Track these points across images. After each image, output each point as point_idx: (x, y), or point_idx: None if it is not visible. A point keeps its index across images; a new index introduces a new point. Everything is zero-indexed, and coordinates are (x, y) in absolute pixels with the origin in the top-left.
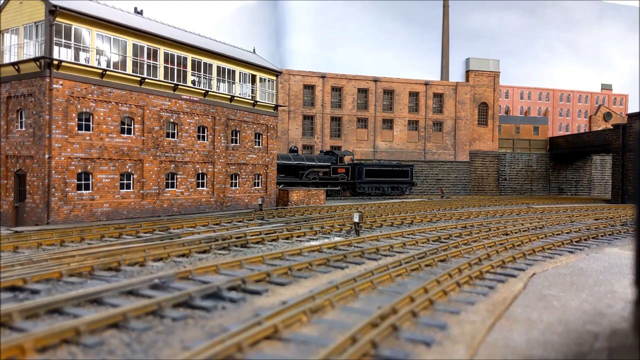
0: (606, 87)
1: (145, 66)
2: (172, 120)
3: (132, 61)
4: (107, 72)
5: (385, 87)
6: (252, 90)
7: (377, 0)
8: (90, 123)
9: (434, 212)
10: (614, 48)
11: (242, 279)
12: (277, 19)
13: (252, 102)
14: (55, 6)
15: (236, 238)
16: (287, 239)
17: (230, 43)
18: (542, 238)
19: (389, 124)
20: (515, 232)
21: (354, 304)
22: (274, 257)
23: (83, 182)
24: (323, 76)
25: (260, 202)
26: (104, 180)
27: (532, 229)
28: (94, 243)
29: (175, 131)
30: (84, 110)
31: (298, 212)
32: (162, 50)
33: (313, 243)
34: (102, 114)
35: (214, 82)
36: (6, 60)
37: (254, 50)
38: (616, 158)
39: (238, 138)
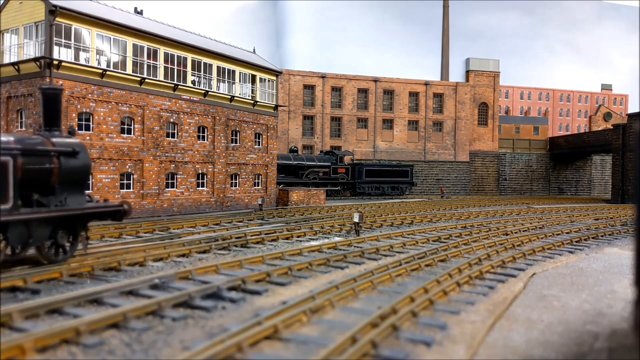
0: (606, 87)
1: (145, 66)
2: (172, 120)
3: (132, 61)
4: (107, 72)
5: (385, 87)
6: (252, 90)
7: (377, 0)
8: (90, 123)
9: (434, 212)
10: (614, 48)
11: (242, 279)
12: (277, 19)
13: (252, 102)
14: (55, 6)
15: (236, 238)
16: (287, 239)
17: (230, 43)
18: (542, 238)
19: (389, 124)
20: (515, 232)
21: (354, 304)
22: (274, 257)
23: None
24: (323, 76)
25: (260, 202)
26: (104, 180)
27: (532, 229)
28: (94, 243)
29: (175, 131)
30: (84, 110)
31: (298, 212)
32: (162, 50)
33: (313, 243)
34: (102, 114)
35: (214, 82)
36: (6, 60)
37: (254, 50)
38: (616, 158)
39: (238, 138)
